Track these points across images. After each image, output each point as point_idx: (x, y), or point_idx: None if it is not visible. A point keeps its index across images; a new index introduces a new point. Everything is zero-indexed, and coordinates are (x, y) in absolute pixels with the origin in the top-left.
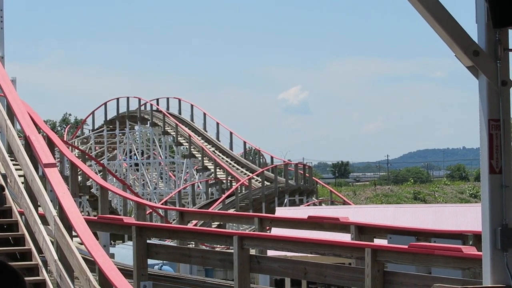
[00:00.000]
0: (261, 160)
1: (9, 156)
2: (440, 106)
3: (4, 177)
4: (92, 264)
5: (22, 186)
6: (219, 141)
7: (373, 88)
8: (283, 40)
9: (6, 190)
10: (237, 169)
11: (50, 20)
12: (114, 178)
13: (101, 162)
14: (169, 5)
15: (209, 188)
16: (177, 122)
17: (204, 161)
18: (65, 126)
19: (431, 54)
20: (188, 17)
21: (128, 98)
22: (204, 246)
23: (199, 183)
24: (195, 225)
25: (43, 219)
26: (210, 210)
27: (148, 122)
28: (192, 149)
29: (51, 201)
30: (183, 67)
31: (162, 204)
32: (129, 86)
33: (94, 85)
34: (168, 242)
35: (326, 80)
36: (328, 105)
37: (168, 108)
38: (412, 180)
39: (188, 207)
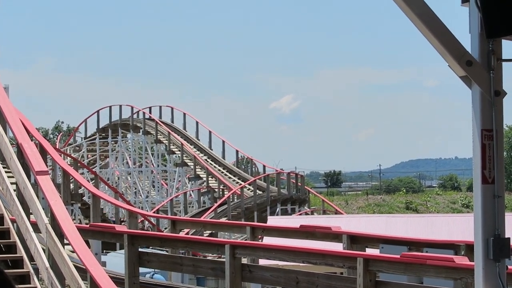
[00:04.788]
0: (253, 169)
1: (1, 163)
2: (433, 116)
3: None
4: (83, 272)
5: (14, 194)
6: (212, 150)
7: (365, 97)
8: (275, 49)
9: None
10: (229, 177)
11: (42, 27)
12: (106, 186)
13: (93, 170)
14: (161, 13)
15: (201, 197)
16: (170, 131)
17: (197, 170)
18: (57, 134)
19: (423, 63)
20: (181, 26)
21: (120, 106)
22: (196, 255)
23: (191, 191)
24: (187, 233)
25: (35, 227)
26: (202, 218)
27: (141, 130)
28: (184, 158)
29: (43, 208)
30: (175, 75)
31: (154, 212)
32: (121, 94)
33: (87, 92)
34: (159, 251)
35: (318, 89)
36: (320, 114)
37: (160, 117)
38: (404, 190)
39: (180, 216)
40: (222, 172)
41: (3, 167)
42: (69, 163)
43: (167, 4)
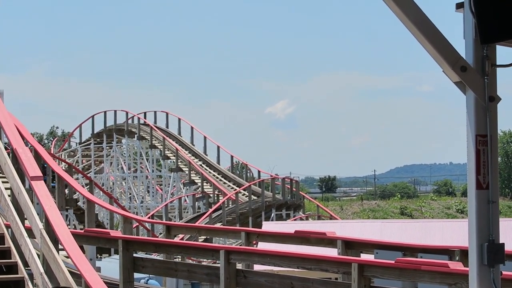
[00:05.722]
0: (248, 174)
1: None
2: (427, 121)
3: None
4: (78, 277)
5: (8, 199)
6: (207, 155)
7: (360, 102)
8: (271, 54)
9: None
10: (224, 183)
11: (36, 32)
12: (101, 191)
13: (88, 175)
14: (157, 17)
15: (196, 202)
16: (164, 136)
17: (191, 175)
18: (52, 139)
19: (418, 68)
20: (176, 30)
21: (115, 111)
22: (190, 260)
23: (186, 197)
24: (182, 239)
25: (30, 232)
26: (196, 224)
27: (135, 135)
28: (179, 163)
29: (37, 214)
30: (171, 80)
31: (148, 217)
32: (116, 99)
33: (82, 97)
34: (154, 256)
35: (313, 94)
36: (315, 119)
37: (155, 122)
38: (399, 195)
39: (174, 221)
40: (217, 178)
41: None
42: (63, 168)
43: (163, 8)
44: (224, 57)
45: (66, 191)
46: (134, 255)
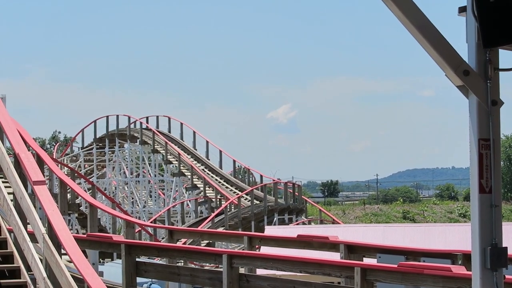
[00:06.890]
0: (251, 178)
1: None
2: (429, 125)
3: None
4: (81, 282)
5: (11, 204)
6: (209, 160)
7: (362, 106)
8: (273, 58)
9: None
10: (227, 187)
11: (38, 37)
12: (103, 196)
13: (90, 180)
14: (158, 23)
15: (199, 207)
16: (167, 140)
17: (194, 180)
18: (54, 144)
19: (419, 72)
20: (178, 36)
21: (117, 116)
22: (193, 265)
23: (188, 201)
24: (184, 243)
25: (32, 237)
26: (199, 228)
27: (138, 140)
28: (181, 168)
29: (40, 218)
30: (173, 84)
31: (151, 222)
32: (118, 103)
33: (84, 102)
34: (157, 261)
35: (315, 99)
36: (317, 123)
37: (157, 126)
38: (401, 200)
39: (177, 226)
40: (219, 182)
41: (0, 177)
42: (66, 173)
43: (165, 13)
44: (227, 62)
45: (69, 196)
46: (137, 259)
